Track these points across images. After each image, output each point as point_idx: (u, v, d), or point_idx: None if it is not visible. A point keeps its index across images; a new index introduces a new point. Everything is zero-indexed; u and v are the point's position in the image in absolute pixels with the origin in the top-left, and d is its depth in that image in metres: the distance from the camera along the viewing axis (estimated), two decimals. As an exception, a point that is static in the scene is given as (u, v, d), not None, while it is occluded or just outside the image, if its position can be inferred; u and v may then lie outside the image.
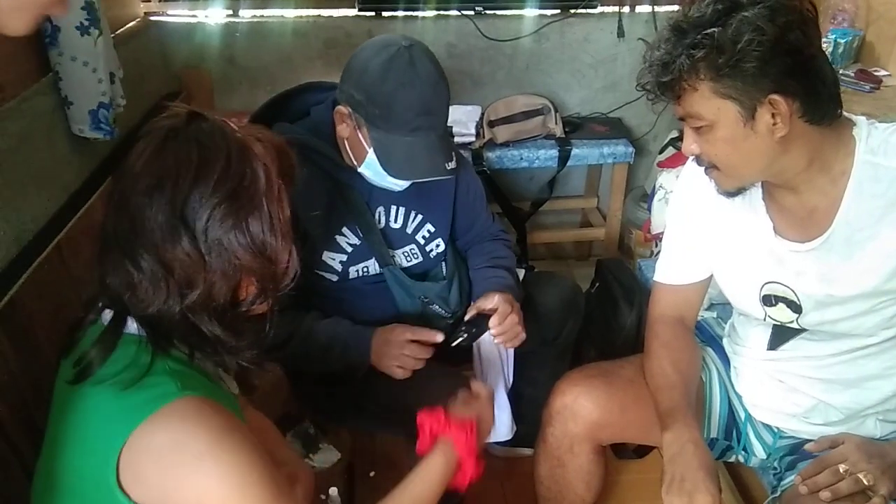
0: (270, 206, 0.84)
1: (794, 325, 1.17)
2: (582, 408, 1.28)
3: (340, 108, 1.34)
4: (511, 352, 1.55)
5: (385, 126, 1.29)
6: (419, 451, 1.09)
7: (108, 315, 0.85)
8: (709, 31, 0.93)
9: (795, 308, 1.14)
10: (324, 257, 1.43)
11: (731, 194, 1.11)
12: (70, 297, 1.31)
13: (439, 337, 1.39)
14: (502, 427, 1.57)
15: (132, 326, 0.84)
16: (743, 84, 0.95)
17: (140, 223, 0.79)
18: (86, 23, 1.52)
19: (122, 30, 2.05)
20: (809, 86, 0.96)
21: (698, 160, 1.09)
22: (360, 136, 1.33)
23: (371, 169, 1.36)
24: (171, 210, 0.79)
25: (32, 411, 1.12)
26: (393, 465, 1.49)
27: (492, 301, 1.40)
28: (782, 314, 1.17)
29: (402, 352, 1.37)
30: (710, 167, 1.08)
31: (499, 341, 1.41)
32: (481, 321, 1.39)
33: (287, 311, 1.35)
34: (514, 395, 1.59)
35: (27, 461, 1.07)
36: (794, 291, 1.13)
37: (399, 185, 1.38)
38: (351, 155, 1.38)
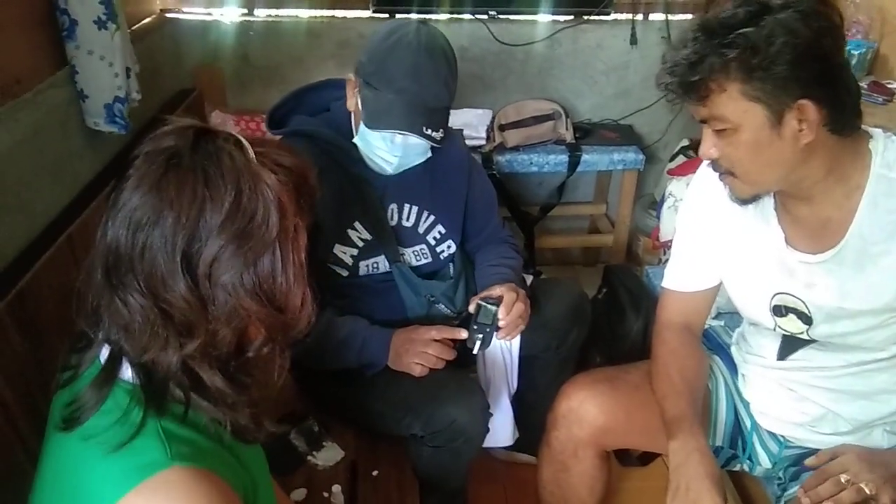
0: (283, 249, 0.74)
1: (804, 336, 1.16)
2: (587, 412, 1.27)
3: (350, 76, 1.37)
4: (516, 357, 1.55)
5: (375, 82, 1.31)
6: None
7: (105, 352, 0.76)
8: (742, 30, 0.92)
9: (806, 319, 1.13)
10: (335, 250, 1.44)
11: (745, 202, 1.09)
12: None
13: (463, 333, 1.39)
14: (504, 432, 1.58)
15: (127, 373, 0.75)
16: (773, 87, 0.93)
17: (134, 262, 0.70)
18: (103, 17, 1.53)
19: (138, 25, 2.07)
20: (836, 94, 0.95)
21: (714, 165, 1.07)
22: (358, 101, 1.35)
23: (362, 138, 1.37)
24: (171, 251, 0.69)
25: (38, 400, 1.13)
26: (396, 465, 1.49)
27: (495, 291, 1.41)
28: (792, 325, 1.16)
29: (425, 350, 1.38)
30: (727, 173, 1.06)
31: (504, 330, 1.40)
32: (490, 318, 1.38)
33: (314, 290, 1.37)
34: (516, 401, 1.59)
35: (31, 447, 1.08)
36: (804, 303, 1.12)
37: (389, 162, 1.39)
38: (353, 128, 1.40)
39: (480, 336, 1.38)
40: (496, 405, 1.53)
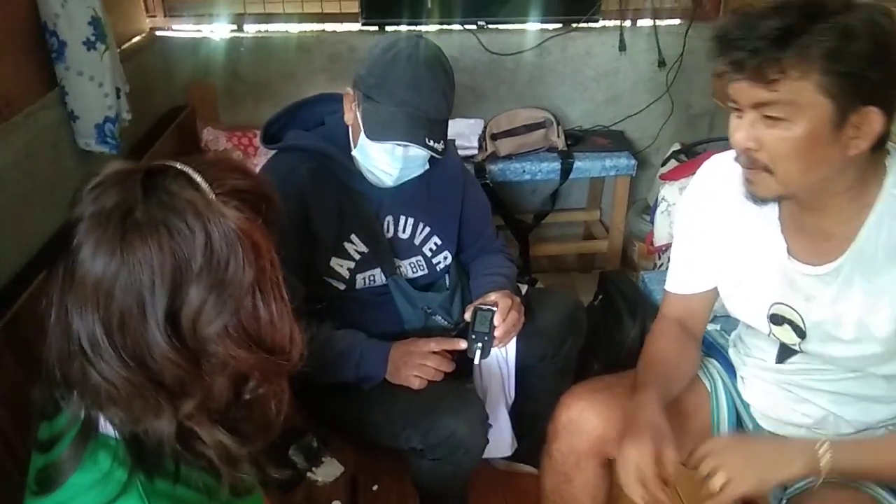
0: (263, 288, 0.69)
1: (797, 349, 1.15)
2: (587, 422, 1.27)
3: (348, 90, 1.37)
4: (513, 368, 1.55)
5: (377, 96, 1.32)
6: None
7: (81, 412, 0.70)
8: (839, 18, 0.86)
9: (800, 333, 1.12)
10: (332, 263, 1.44)
11: (764, 202, 1.03)
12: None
13: (462, 344, 1.39)
14: (503, 443, 1.57)
15: (108, 427, 0.70)
16: (851, 86, 0.88)
17: (112, 336, 0.65)
18: (92, 38, 1.53)
19: (128, 45, 2.08)
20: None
21: (746, 158, 0.99)
22: (358, 115, 1.36)
23: (361, 148, 1.37)
24: (154, 318, 0.65)
25: (35, 424, 1.12)
26: (396, 478, 1.48)
27: (490, 297, 1.42)
28: (787, 336, 1.15)
29: (423, 362, 1.38)
30: (762, 168, 0.98)
31: (498, 338, 1.40)
32: (486, 325, 1.38)
33: (301, 319, 1.36)
34: (515, 411, 1.59)
35: (26, 469, 1.07)
36: (801, 317, 1.11)
37: (388, 174, 1.39)
38: (352, 141, 1.40)
39: (479, 345, 1.38)
40: (494, 416, 1.53)
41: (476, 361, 1.39)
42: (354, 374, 1.40)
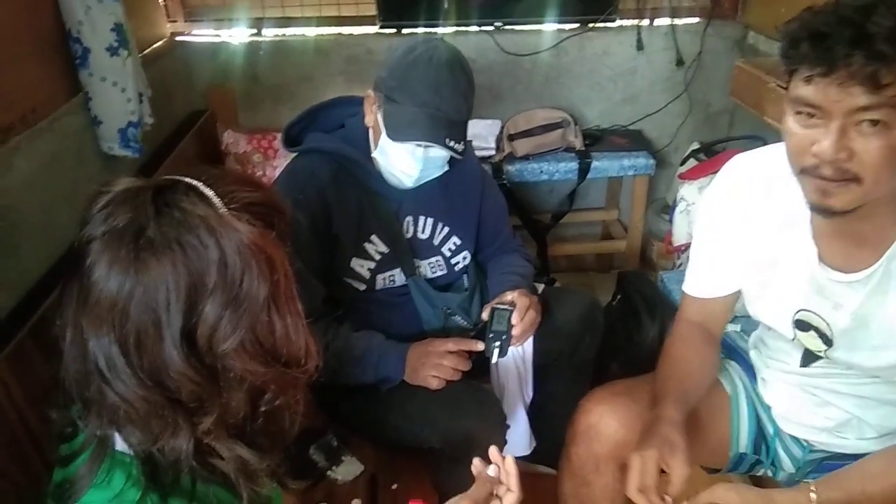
0: (277, 302, 0.69)
1: (822, 356, 1.13)
2: (607, 427, 1.25)
3: (369, 92, 1.38)
4: (530, 367, 1.55)
5: (398, 97, 1.33)
6: None
7: (96, 429, 0.70)
8: None
9: (826, 341, 1.10)
10: (352, 264, 1.45)
11: (840, 214, 0.94)
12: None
13: (480, 345, 1.40)
14: (521, 442, 1.57)
15: (122, 443, 0.70)
16: None
17: (129, 356, 0.65)
18: (115, 44, 1.56)
19: (149, 50, 2.11)
20: None
21: (831, 169, 0.90)
22: (379, 117, 1.36)
23: (382, 149, 1.38)
24: (171, 337, 0.65)
25: (53, 442, 1.15)
26: (416, 477, 1.49)
27: (507, 296, 1.42)
28: (812, 342, 1.13)
29: (441, 361, 1.38)
30: (851, 179, 0.89)
31: (517, 337, 1.40)
32: (504, 324, 1.38)
33: (320, 321, 1.37)
34: (533, 411, 1.59)
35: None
36: (828, 325, 1.09)
37: (409, 175, 1.40)
38: (372, 143, 1.41)
39: (497, 344, 1.38)
40: (512, 415, 1.53)
41: (493, 360, 1.39)
42: (373, 376, 1.41)
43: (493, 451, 1.01)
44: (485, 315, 1.42)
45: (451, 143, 1.34)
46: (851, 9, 0.83)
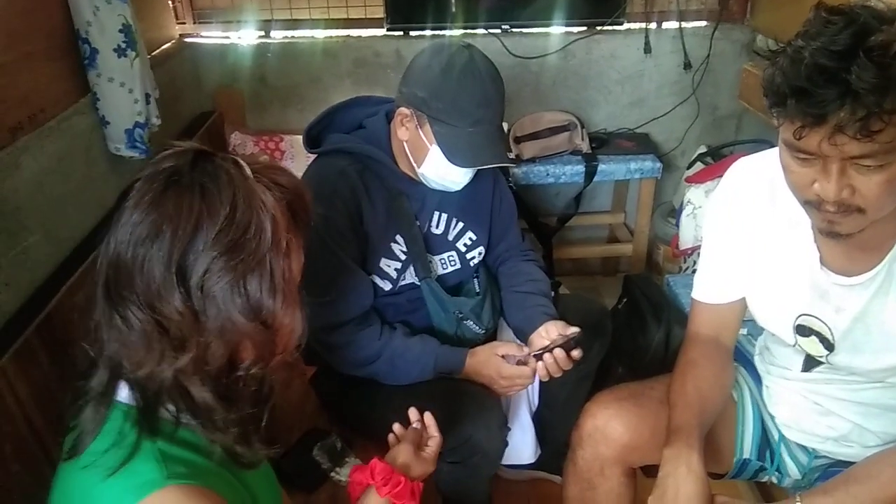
0: (274, 264, 0.75)
1: (823, 361, 1.13)
2: (613, 430, 1.25)
3: (403, 109, 1.38)
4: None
5: (449, 119, 1.33)
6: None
7: (104, 374, 0.78)
8: None
9: (828, 345, 1.10)
10: (381, 264, 1.46)
11: (846, 237, 0.96)
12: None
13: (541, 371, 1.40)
14: (526, 450, 1.56)
15: (123, 393, 0.77)
16: None
17: (133, 276, 0.72)
18: (123, 45, 1.57)
19: (157, 51, 2.12)
20: None
21: (835, 206, 0.92)
22: (421, 134, 1.36)
23: (433, 165, 1.38)
24: (167, 263, 0.71)
25: (67, 421, 1.15)
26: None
27: (552, 330, 1.43)
28: (813, 347, 1.13)
29: (510, 385, 1.42)
30: (855, 210, 0.92)
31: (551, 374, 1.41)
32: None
33: (371, 328, 1.42)
34: (537, 419, 1.58)
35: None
36: (830, 329, 1.09)
37: (459, 182, 1.42)
38: (411, 157, 1.41)
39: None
40: (517, 422, 1.53)
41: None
42: (425, 377, 1.43)
43: (412, 411, 1.17)
44: (553, 334, 1.42)
45: (508, 154, 1.35)
46: (827, 56, 0.82)
